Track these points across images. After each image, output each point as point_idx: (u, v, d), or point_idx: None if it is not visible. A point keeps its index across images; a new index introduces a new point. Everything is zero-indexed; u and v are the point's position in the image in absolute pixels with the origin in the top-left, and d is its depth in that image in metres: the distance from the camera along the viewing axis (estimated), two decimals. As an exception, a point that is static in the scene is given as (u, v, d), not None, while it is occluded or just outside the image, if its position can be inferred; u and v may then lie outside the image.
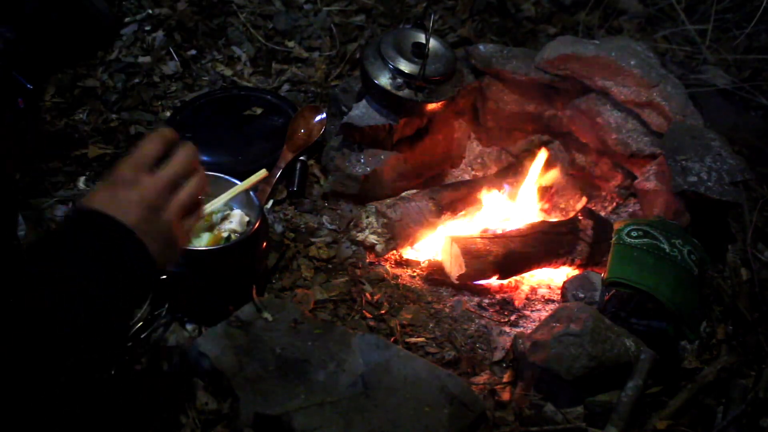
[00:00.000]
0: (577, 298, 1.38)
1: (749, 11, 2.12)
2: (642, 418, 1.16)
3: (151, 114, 1.74)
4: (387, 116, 1.51)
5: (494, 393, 1.19)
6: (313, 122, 1.65)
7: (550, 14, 2.20)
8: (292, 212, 1.52)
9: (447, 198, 1.52)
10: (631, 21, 2.24)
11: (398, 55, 1.46)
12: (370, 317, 1.30)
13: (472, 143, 1.78)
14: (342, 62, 1.93)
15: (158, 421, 1.07)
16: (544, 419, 1.15)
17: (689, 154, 1.40)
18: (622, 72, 1.54)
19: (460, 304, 1.37)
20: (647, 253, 1.27)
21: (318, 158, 1.64)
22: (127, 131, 1.68)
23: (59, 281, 0.64)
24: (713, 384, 1.22)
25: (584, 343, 1.14)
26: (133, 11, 1.96)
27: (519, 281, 1.48)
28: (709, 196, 1.33)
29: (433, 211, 1.49)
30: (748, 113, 1.96)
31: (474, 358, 1.26)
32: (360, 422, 1.02)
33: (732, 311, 1.39)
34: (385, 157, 1.54)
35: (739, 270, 1.47)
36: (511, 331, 1.33)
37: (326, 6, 2.08)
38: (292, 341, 1.14)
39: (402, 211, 1.45)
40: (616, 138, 1.58)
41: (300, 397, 1.05)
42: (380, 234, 1.43)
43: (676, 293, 1.22)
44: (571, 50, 1.57)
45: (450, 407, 1.06)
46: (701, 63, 2.06)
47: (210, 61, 1.91)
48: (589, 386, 1.15)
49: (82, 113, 1.70)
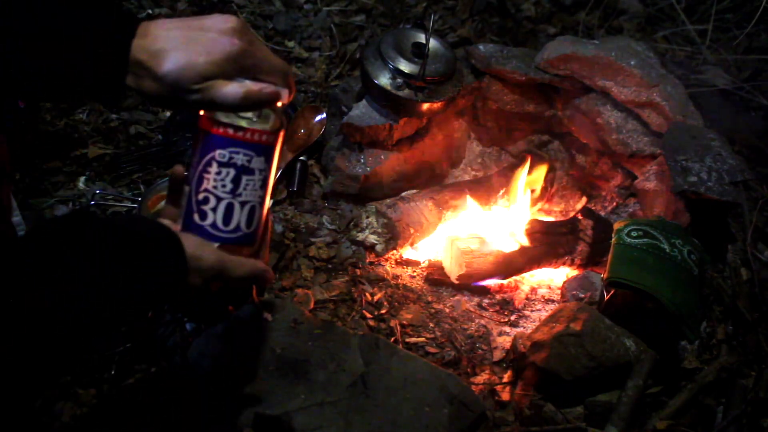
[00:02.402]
0: (577, 298, 1.38)
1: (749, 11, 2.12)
2: (642, 418, 1.16)
3: (151, 114, 1.73)
4: (387, 116, 1.51)
5: (494, 393, 1.19)
6: (313, 122, 1.65)
7: (550, 14, 2.20)
8: (292, 212, 1.52)
9: (447, 198, 1.52)
10: (631, 21, 2.24)
11: (398, 55, 1.46)
12: (370, 317, 1.30)
13: (472, 143, 1.78)
14: (342, 62, 1.93)
15: (158, 421, 1.07)
16: (544, 419, 1.14)
17: (689, 154, 1.40)
18: (622, 72, 1.54)
19: (460, 304, 1.37)
20: (647, 253, 1.27)
21: (318, 158, 1.64)
22: (127, 131, 1.68)
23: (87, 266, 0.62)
24: (713, 384, 1.22)
25: (584, 343, 1.14)
26: (133, 11, 1.96)
27: (519, 281, 1.48)
28: (709, 196, 1.33)
29: (433, 211, 1.49)
30: (748, 113, 1.96)
31: (474, 358, 1.26)
32: (360, 422, 1.02)
33: (732, 311, 1.39)
34: (385, 157, 1.54)
35: (739, 270, 1.47)
36: (511, 331, 1.33)
37: (326, 6, 2.08)
38: (292, 341, 1.14)
39: (402, 211, 1.45)
40: (616, 138, 1.58)
41: (300, 397, 1.05)
42: (380, 234, 1.43)
43: (676, 293, 1.22)
44: (571, 50, 1.57)
45: (450, 407, 1.06)
46: (701, 63, 2.06)
47: (210, 61, 1.91)
48: (589, 386, 1.15)
49: (82, 113, 1.70)
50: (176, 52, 0.66)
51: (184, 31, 0.67)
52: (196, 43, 0.67)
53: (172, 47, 0.66)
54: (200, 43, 0.67)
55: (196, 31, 0.67)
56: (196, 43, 0.67)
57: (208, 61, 0.66)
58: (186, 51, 0.66)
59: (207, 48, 0.67)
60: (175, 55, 0.66)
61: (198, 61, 0.66)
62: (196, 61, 0.66)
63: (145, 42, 0.66)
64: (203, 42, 0.67)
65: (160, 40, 0.66)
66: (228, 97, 0.68)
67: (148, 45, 0.66)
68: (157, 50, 0.66)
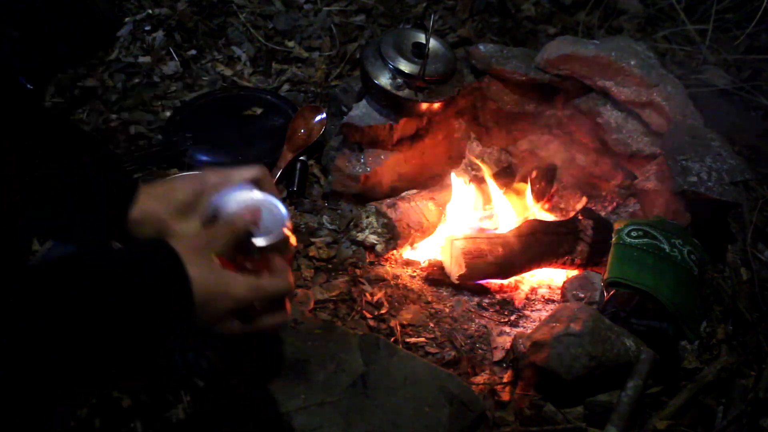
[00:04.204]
0: (577, 298, 1.38)
1: (749, 11, 2.12)
2: (642, 418, 1.16)
3: (152, 114, 1.74)
4: (387, 116, 1.51)
5: (494, 393, 1.19)
6: (313, 122, 1.66)
7: (550, 14, 2.20)
8: (292, 212, 1.52)
9: (447, 198, 1.52)
10: (631, 21, 2.24)
11: (398, 55, 1.46)
12: (370, 317, 1.30)
13: (472, 143, 1.78)
14: (342, 62, 1.93)
15: (158, 421, 1.07)
16: (544, 419, 1.14)
17: (689, 154, 1.40)
18: (622, 72, 1.54)
19: (460, 304, 1.37)
20: (647, 253, 1.27)
21: (318, 158, 1.64)
22: (127, 131, 1.68)
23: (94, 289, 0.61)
24: (713, 384, 1.22)
25: (584, 343, 1.14)
26: (133, 11, 1.97)
27: (519, 281, 1.48)
28: (709, 196, 1.33)
29: (433, 211, 1.49)
30: (748, 113, 1.96)
31: (474, 358, 1.25)
32: (360, 422, 1.02)
33: (732, 311, 1.39)
34: (385, 157, 1.54)
35: (739, 270, 1.47)
36: (511, 331, 1.33)
37: (326, 6, 2.08)
38: (292, 341, 1.14)
39: (402, 211, 1.45)
40: (616, 138, 1.58)
41: (300, 397, 1.05)
42: (380, 234, 1.43)
43: (676, 293, 1.22)
44: (571, 50, 1.57)
45: (450, 407, 1.06)
46: (701, 63, 2.06)
47: (210, 61, 1.91)
48: (589, 386, 1.15)
49: (82, 113, 1.70)
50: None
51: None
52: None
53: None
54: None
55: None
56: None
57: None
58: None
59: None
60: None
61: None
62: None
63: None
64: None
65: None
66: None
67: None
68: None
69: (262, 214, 0.77)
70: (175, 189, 0.81)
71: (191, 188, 0.81)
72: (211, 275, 0.69)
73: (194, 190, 0.81)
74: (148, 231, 0.79)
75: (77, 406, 1.02)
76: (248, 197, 0.80)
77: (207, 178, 0.82)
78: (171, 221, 0.80)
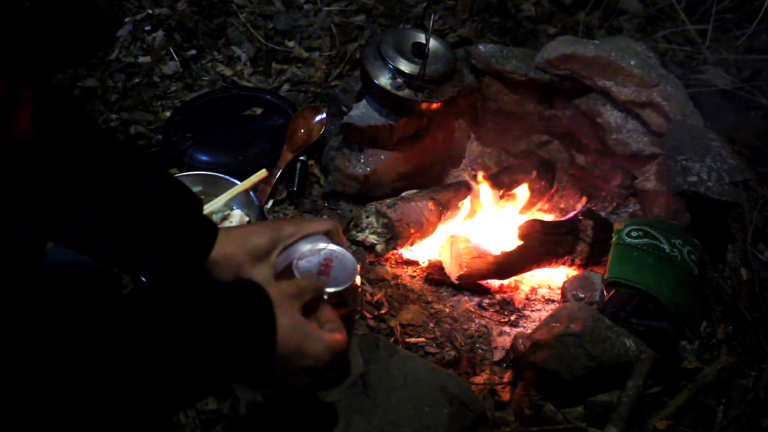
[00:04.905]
0: (577, 298, 1.38)
1: (749, 11, 2.12)
2: (642, 418, 1.16)
3: (151, 114, 1.73)
4: (387, 116, 1.51)
5: (494, 393, 1.19)
6: (313, 122, 1.66)
7: (550, 14, 2.20)
8: (292, 212, 1.52)
9: (447, 198, 1.52)
10: (631, 21, 2.24)
11: (398, 55, 1.46)
12: (370, 317, 1.30)
13: (472, 143, 1.78)
14: (342, 62, 1.93)
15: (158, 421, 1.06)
16: (544, 419, 1.15)
17: (689, 154, 1.40)
18: (622, 72, 1.54)
19: (460, 304, 1.37)
20: (647, 253, 1.27)
21: (318, 158, 1.64)
22: (127, 131, 1.68)
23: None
24: (713, 384, 1.22)
25: (584, 343, 1.14)
26: (133, 11, 1.97)
27: (519, 281, 1.48)
28: (709, 196, 1.33)
29: (433, 211, 1.49)
30: (748, 113, 1.96)
31: (474, 358, 1.25)
32: (360, 422, 1.02)
33: (732, 311, 1.39)
34: (385, 157, 1.54)
35: (739, 270, 1.47)
36: (511, 331, 1.33)
37: (326, 6, 2.08)
38: (292, 341, 1.14)
39: (402, 211, 1.45)
40: (616, 138, 1.58)
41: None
42: (380, 234, 1.43)
43: (676, 293, 1.22)
44: (571, 50, 1.57)
45: (450, 407, 1.06)
46: (701, 63, 2.06)
47: (210, 61, 1.91)
48: (589, 386, 1.15)
49: (82, 113, 1.70)
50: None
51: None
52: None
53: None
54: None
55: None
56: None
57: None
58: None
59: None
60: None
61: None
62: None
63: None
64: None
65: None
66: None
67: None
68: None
69: (333, 263, 0.84)
70: (253, 234, 0.86)
71: (268, 235, 0.85)
72: (297, 329, 0.72)
73: (270, 238, 0.85)
74: (226, 274, 0.82)
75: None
76: (321, 248, 0.86)
77: (283, 227, 0.87)
78: (247, 266, 0.84)
